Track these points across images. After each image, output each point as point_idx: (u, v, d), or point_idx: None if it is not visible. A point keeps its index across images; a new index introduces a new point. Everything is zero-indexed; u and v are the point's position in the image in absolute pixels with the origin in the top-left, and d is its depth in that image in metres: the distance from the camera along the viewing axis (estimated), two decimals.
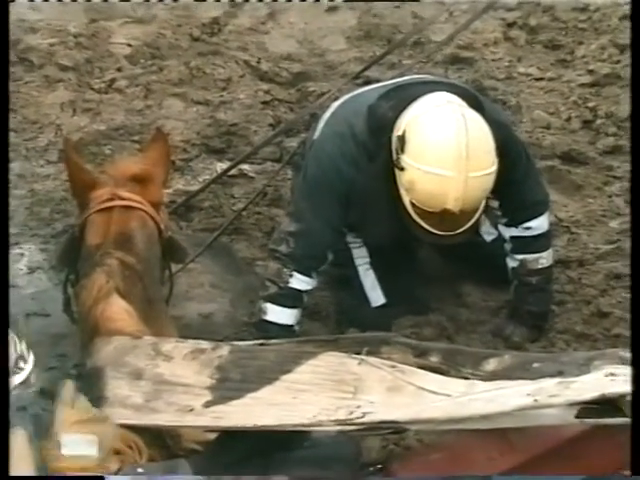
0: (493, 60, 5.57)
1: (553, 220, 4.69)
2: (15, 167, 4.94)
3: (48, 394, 3.54)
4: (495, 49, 5.63)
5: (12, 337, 2.73)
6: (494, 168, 3.75)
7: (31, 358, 2.78)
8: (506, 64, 5.56)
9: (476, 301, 4.38)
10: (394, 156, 3.78)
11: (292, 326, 4.00)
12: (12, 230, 4.54)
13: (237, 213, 4.61)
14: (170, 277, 3.79)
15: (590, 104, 5.31)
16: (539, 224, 4.13)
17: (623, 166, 4.95)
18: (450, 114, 3.73)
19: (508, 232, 4.16)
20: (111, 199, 3.59)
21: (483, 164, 3.72)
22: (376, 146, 3.86)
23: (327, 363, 3.06)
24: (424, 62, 5.22)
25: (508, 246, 4.17)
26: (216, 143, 5.11)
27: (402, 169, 3.76)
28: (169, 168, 3.91)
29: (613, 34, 5.69)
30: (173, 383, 3.11)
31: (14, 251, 4.52)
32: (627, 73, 5.38)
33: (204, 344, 3.21)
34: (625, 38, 5.62)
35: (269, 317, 3.99)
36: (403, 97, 3.87)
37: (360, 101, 4.04)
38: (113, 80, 5.48)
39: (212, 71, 5.53)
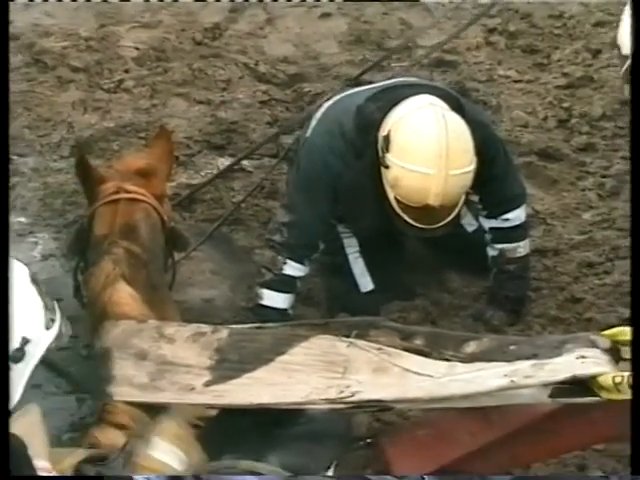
0: (475, 63, 5.56)
1: (530, 212, 4.69)
2: (29, 162, 4.96)
3: (62, 373, 3.58)
4: (477, 53, 5.63)
5: (35, 293, 2.71)
6: (472, 167, 3.76)
7: (57, 310, 2.77)
8: (487, 67, 5.56)
9: (458, 287, 4.38)
10: (380, 154, 3.79)
11: (286, 310, 4.01)
12: (27, 220, 4.58)
13: (236, 205, 4.62)
14: (173, 264, 3.79)
15: (565, 104, 5.30)
16: (516, 216, 4.15)
17: (595, 162, 4.97)
18: (431, 116, 3.74)
19: (488, 223, 4.17)
20: (117, 192, 3.60)
21: (462, 163, 3.73)
22: (363, 144, 3.87)
23: (318, 345, 3.07)
24: (412, 65, 5.20)
25: (488, 236, 4.18)
26: (217, 140, 5.11)
27: (387, 167, 3.77)
28: (172, 163, 3.92)
29: (586, 39, 5.69)
30: (175, 364, 3.13)
31: (29, 239, 4.53)
32: (599, 75, 5.41)
33: (204, 327, 3.23)
34: (597, 43, 5.64)
35: (265, 302, 4.00)
36: (389, 99, 3.88)
37: (349, 101, 4.05)
38: (121, 81, 5.48)
39: (213, 72, 5.52)
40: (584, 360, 2.80)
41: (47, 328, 2.67)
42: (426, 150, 3.70)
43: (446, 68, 5.47)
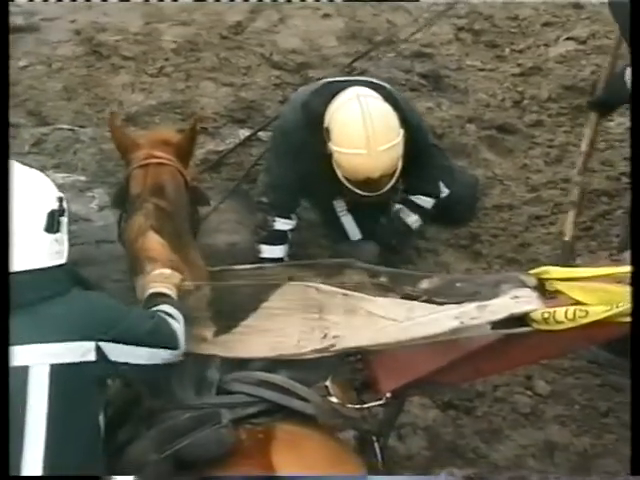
0: (447, 55, 5.51)
1: (490, 175, 4.68)
2: (88, 132, 4.90)
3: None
4: (449, 47, 5.58)
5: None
6: (399, 139, 3.65)
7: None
8: (457, 58, 5.50)
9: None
10: (326, 144, 3.70)
11: (282, 258, 3.94)
12: (86, 179, 4.56)
13: (252, 166, 4.55)
14: (197, 217, 3.75)
15: (519, 89, 5.27)
16: (425, 201, 4.06)
17: (543, 135, 4.96)
18: (356, 105, 3.65)
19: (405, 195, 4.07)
20: (147, 158, 3.54)
21: (387, 139, 3.63)
22: (313, 130, 3.75)
23: (292, 291, 3.01)
24: (397, 56, 5.14)
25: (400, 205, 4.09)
26: (239, 115, 5.06)
27: (331, 154, 3.68)
28: (194, 144, 3.83)
29: (536, 37, 5.64)
30: (189, 316, 3.05)
31: (88, 194, 4.50)
32: (547, 66, 5.38)
33: (189, 285, 3.10)
34: (545, 39, 5.60)
35: (264, 255, 3.93)
36: (329, 92, 3.78)
37: (305, 90, 3.99)
38: (162, 67, 5.42)
39: (236, 61, 5.47)
40: (518, 300, 2.73)
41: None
42: (355, 135, 3.61)
43: (424, 59, 5.42)
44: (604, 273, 2.72)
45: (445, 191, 4.20)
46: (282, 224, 3.92)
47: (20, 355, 2.44)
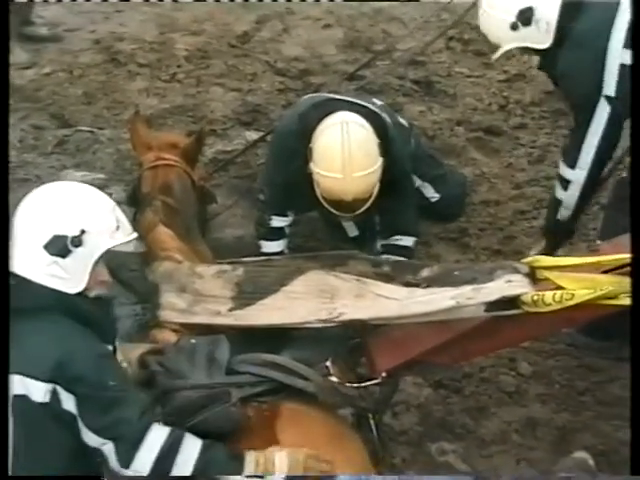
0: (438, 62, 5.49)
1: (478, 173, 4.67)
2: (106, 133, 4.88)
3: (131, 288, 3.55)
4: (440, 55, 5.55)
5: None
6: (376, 166, 3.53)
7: (126, 221, 2.63)
8: (447, 65, 5.48)
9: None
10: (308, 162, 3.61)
11: (282, 251, 3.89)
12: (104, 176, 4.53)
13: (259, 165, 4.53)
14: (205, 214, 3.75)
15: (504, 94, 5.25)
16: (406, 240, 3.88)
17: (526, 137, 4.93)
18: (338, 132, 3.53)
19: (380, 242, 3.90)
20: (156, 160, 3.56)
21: (364, 166, 3.51)
22: (303, 142, 3.64)
23: (312, 278, 3.00)
24: (392, 64, 5.12)
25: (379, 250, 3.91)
26: (245, 118, 5.03)
27: (311, 173, 3.60)
28: (200, 150, 3.80)
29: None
30: (206, 295, 3.05)
31: (105, 191, 4.39)
32: (529, 73, 5.34)
33: (225, 266, 3.14)
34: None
35: (264, 249, 3.88)
36: (323, 110, 3.66)
37: (310, 100, 3.86)
38: (175, 74, 5.41)
39: (243, 68, 5.45)
40: (511, 284, 2.74)
41: (115, 228, 2.52)
42: (333, 159, 3.51)
43: (417, 66, 5.39)
44: (587, 262, 2.74)
45: (435, 196, 4.20)
46: (278, 221, 3.87)
47: None
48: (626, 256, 2.61)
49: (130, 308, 3.43)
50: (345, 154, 3.49)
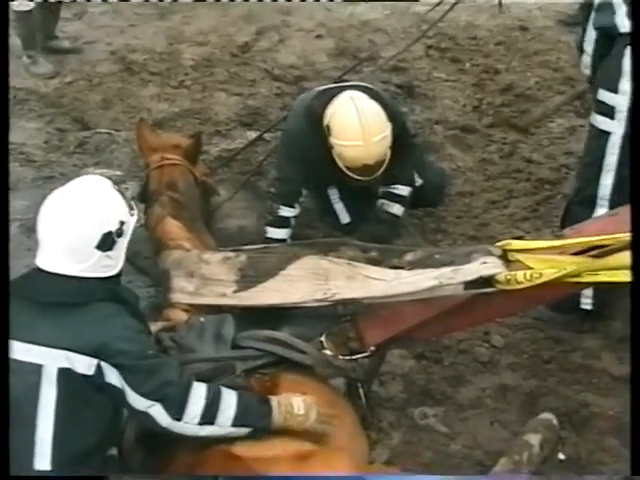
0: (419, 68, 5.45)
1: (455, 167, 4.64)
2: (122, 135, 4.84)
3: (146, 273, 3.53)
4: (420, 62, 5.51)
5: (118, 195, 2.54)
6: (388, 131, 3.61)
7: (134, 204, 2.63)
8: (427, 71, 5.44)
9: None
10: (327, 138, 3.64)
11: (285, 239, 3.87)
12: (121, 173, 4.49)
13: (260, 163, 4.48)
14: (208, 206, 3.73)
15: (477, 96, 5.21)
16: (403, 189, 3.94)
17: (497, 134, 4.88)
18: (352, 105, 3.61)
19: (385, 188, 3.95)
20: (161, 160, 3.55)
21: (379, 130, 3.58)
22: (315, 130, 3.69)
23: (307, 262, 2.98)
24: (377, 70, 5.07)
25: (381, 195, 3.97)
26: (246, 119, 5.00)
27: (332, 147, 3.63)
28: (200, 150, 3.78)
29: (491, 54, 5.58)
30: (212, 279, 3.03)
31: (123, 186, 4.37)
32: (500, 78, 5.30)
33: (230, 253, 3.12)
34: (498, 56, 5.55)
35: (269, 235, 3.86)
36: (327, 96, 3.72)
37: (306, 97, 3.90)
38: (182, 81, 5.37)
39: (244, 75, 5.42)
40: (486, 265, 2.73)
41: (131, 215, 2.55)
42: (352, 129, 3.57)
43: (400, 72, 5.36)
44: (554, 245, 2.74)
45: (419, 181, 4.16)
46: (286, 211, 3.86)
47: (33, 354, 2.32)
48: (588, 239, 2.62)
49: (145, 291, 3.43)
50: (363, 122, 3.55)
